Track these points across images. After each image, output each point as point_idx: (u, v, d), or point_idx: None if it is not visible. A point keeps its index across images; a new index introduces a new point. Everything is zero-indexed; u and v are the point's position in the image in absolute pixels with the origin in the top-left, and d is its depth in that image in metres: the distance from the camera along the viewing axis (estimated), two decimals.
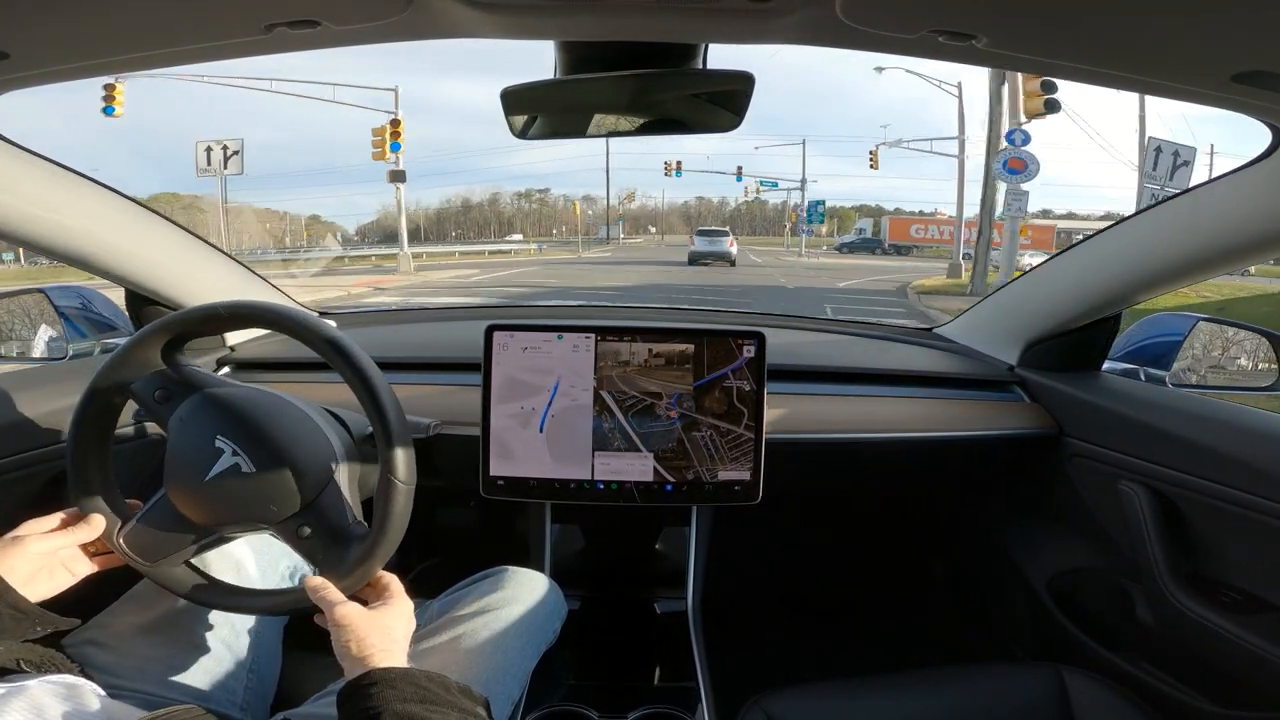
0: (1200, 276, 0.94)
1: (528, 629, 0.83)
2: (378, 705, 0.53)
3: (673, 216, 79.79)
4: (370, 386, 0.65)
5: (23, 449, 0.85)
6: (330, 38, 0.60)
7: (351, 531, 0.66)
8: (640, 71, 0.73)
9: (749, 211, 77.99)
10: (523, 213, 70.85)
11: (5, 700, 0.51)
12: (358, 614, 0.61)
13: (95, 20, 0.56)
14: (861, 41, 0.59)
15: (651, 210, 78.35)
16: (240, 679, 0.77)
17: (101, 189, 0.94)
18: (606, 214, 38.69)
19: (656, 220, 75.89)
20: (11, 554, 0.62)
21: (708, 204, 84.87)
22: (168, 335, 0.69)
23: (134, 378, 0.68)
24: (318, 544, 0.66)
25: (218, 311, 0.71)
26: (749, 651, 1.16)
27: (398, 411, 0.66)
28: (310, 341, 0.67)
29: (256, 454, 0.65)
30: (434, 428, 0.92)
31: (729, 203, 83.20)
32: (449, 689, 0.57)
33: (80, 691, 0.58)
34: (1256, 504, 0.82)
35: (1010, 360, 1.23)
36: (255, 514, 0.65)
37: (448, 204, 66.14)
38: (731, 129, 0.80)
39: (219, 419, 0.66)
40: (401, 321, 1.55)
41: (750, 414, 0.95)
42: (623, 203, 68.01)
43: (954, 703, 0.86)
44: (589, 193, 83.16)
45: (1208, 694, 0.93)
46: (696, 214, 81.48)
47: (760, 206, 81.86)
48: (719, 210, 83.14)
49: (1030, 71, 0.63)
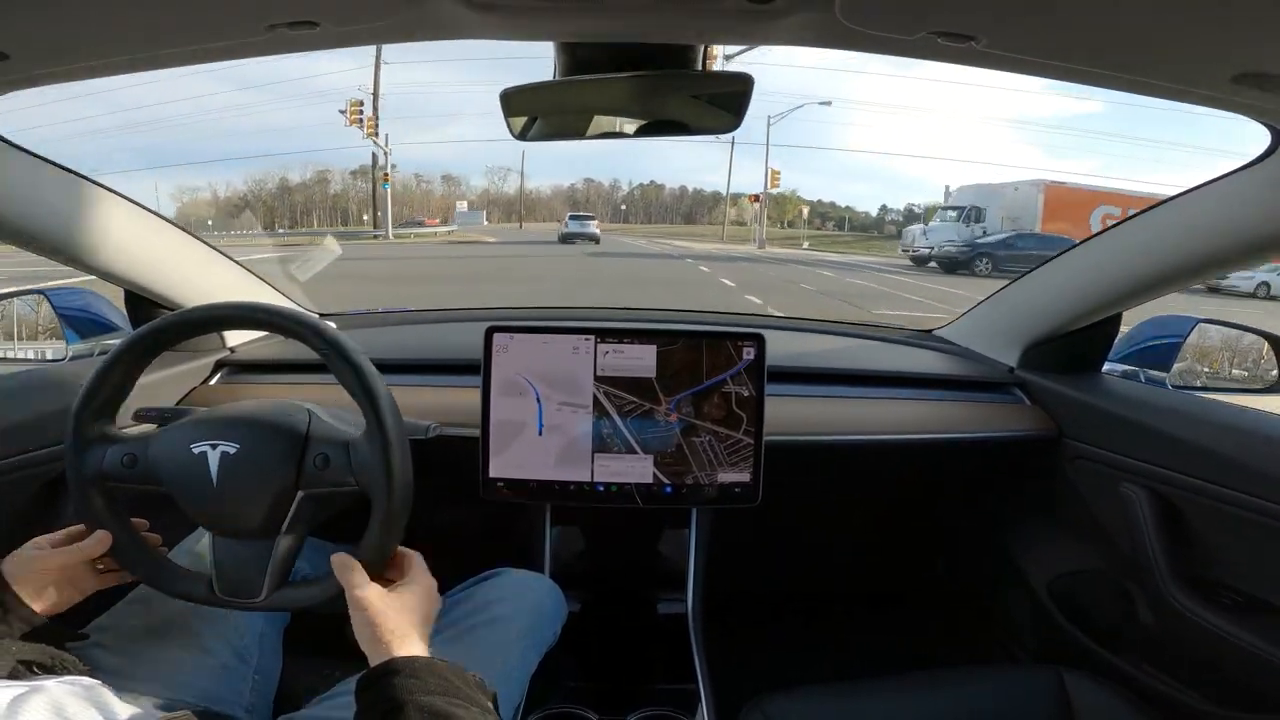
0: (1200, 277, 0.94)
1: (529, 630, 0.83)
2: (400, 696, 0.52)
3: (556, 201, 74.72)
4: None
5: (22, 450, 0.85)
6: (330, 38, 0.60)
7: (357, 443, 0.66)
8: (640, 73, 0.73)
9: (644, 198, 73.87)
10: (360, 196, 59.57)
11: (26, 699, 0.50)
12: (376, 595, 0.60)
13: (95, 21, 0.56)
14: (860, 43, 0.59)
15: (531, 195, 72.44)
16: (246, 680, 0.76)
17: (101, 190, 0.94)
18: (374, 196, 27.77)
19: (537, 206, 70.08)
20: (18, 569, 0.62)
21: (597, 188, 79.76)
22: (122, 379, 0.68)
23: (99, 466, 0.67)
24: (342, 466, 0.65)
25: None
26: (749, 653, 1.16)
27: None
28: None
29: (227, 432, 0.66)
30: (433, 429, 0.92)
31: (621, 187, 79.05)
32: (467, 682, 0.56)
33: (99, 692, 0.58)
34: (1257, 505, 0.82)
35: (1010, 362, 1.23)
36: (274, 484, 0.65)
37: (259, 184, 55.34)
38: (731, 130, 0.80)
39: (182, 437, 0.67)
40: (401, 323, 1.55)
41: (749, 419, 0.95)
42: (495, 183, 62.63)
43: (954, 704, 0.86)
44: (451, 171, 76.12)
45: (1208, 695, 0.93)
46: (584, 198, 76.94)
47: (655, 193, 76.71)
48: (610, 195, 78.69)
49: (1030, 73, 0.63)
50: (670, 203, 79.62)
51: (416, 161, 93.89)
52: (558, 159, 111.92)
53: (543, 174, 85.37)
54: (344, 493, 0.67)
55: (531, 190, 75.52)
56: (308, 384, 1.09)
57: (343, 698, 0.69)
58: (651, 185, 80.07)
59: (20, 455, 0.85)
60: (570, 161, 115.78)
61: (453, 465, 0.98)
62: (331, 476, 0.66)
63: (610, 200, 77.42)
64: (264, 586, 0.65)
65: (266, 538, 0.66)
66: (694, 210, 75.79)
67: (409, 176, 68.90)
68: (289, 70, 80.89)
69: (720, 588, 1.16)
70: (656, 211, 76.04)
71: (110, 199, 0.96)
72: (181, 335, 0.70)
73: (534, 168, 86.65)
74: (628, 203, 76.89)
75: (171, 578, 0.69)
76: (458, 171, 76.41)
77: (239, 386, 1.14)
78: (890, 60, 13.71)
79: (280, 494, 0.66)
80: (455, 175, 74.11)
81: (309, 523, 0.68)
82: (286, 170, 56.59)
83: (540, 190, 78.11)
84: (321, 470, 0.66)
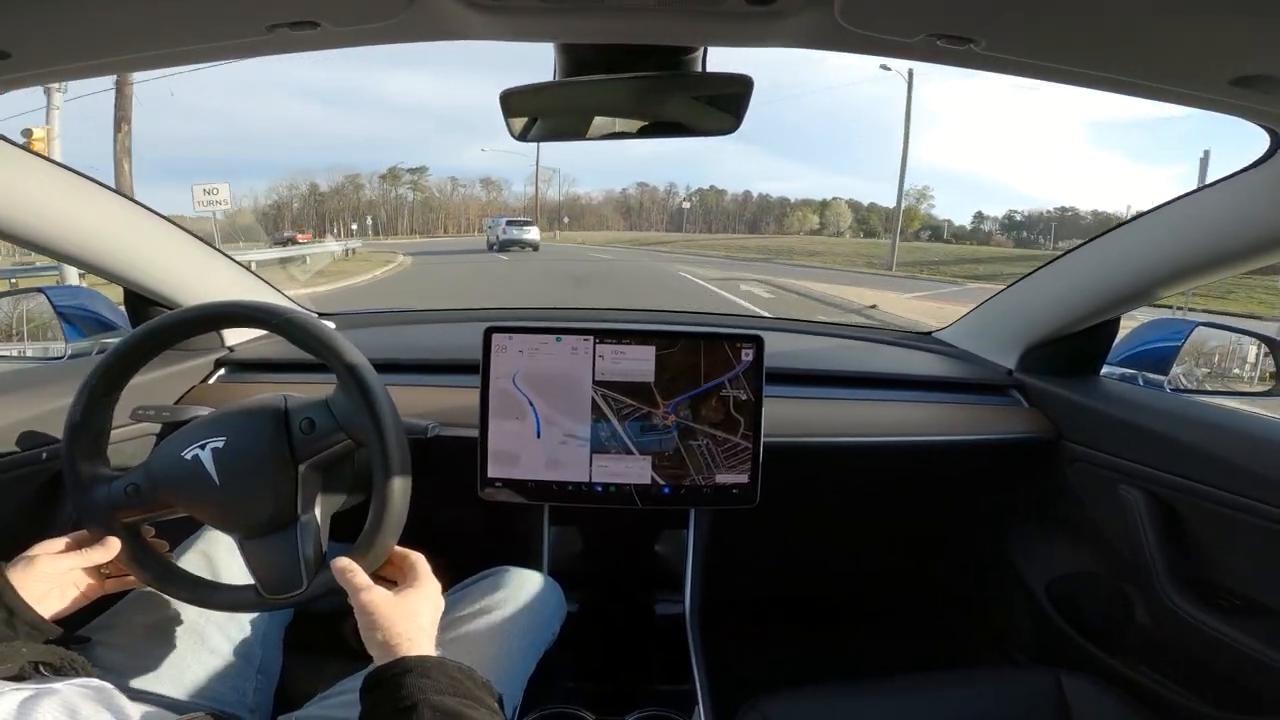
0: (1199, 280, 0.94)
1: (529, 629, 0.82)
2: (412, 695, 0.51)
3: (606, 208, 68.18)
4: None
5: (20, 449, 0.85)
6: (330, 39, 0.60)
7: (334, 397, 0.67)
8: (640, 74, 0.73)
9: (703, 204, 65.23)
10: (392, 201, 57.02)
11: (37, 701, 0.50)
12: (381, 599, 0.60)
13: (95, 21, 0.56)
14: (860, 45, 0.59)
15: (581, 202, 65.70)
16: (249, 679, 0.76)
17: (101, 189, 0.94)
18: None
19: (585, 213, 63.88)
20: (24, 573, 0.62)
21: (651, 194, 71.26)
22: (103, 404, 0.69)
23: (108, 500, 0.68)
24: (327, 422, 0.66)
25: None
26: (746, 654, 1.16)
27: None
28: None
29: (211, 430, 0.67)
30: (432, 429, 0.92)
31: (677, 192, 70.53)
32: (477, 683, 0.56)
33: (109, 694, 0.58)
34: (1255, 508, 0.82)
35: (1009, 364, 1.23)
36: (271, 463, 0.66)
37: (291, 190, 53.70)
38: (731, 131, 0.80)
39: (171, 450, 0.67)
40: (400, 323, 1.55)
41: (747, 423, 0.95)
42: (539, 187, 56.29)
43: (952, 706, 0.86)
44: (491, 176, 67.73)
45: (1206, 697, 0.93)
46: (638, 205, 70.08)
47: (718, 197, 68.55)
48: (665, 201, 70.69)
49: (1029, 75, 0.63)
50: (733, 209, 72.61)
51: (453, 166, 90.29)
52: (608, 163, 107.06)
53: (592, 179, 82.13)
54: (339, 450, 0.67)
55: (580, 196, 70.47)
56: (307, 382, 1.08)
57: (341, 697, 0.69)
58: (711, 190, 72.17)
59: (18, 455, 0.85)
60: (622, 166, 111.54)
61: (451, 465, 0.98)
62: (321, 437, 0.66)
63: (666, 207, 71.18)
64: (303, 575, 0.66)
65: (287, 526, 0.66)
66: (758, 218, 69.14)
67: (443, 180, 64.58)
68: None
69: (718, 589, 1.16)
70: (718, 219, 69.71)
71: (110, 198, 0.96)
72: (172, 339, 0.71)
73: (583, 172, 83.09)
74: (685, 210, 69.32)
75: (220, 595, 0.69)
76: (499, 175, 69.81)
77: (238, 385, 1.14)
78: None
79: (281, 472, 0.66)
80: (496, 179, 68.22)
81: (322, 496, 0.69)
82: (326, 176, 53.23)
83: (590, 196, 73.05)
84: (309, 434, 0.66)
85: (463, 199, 63.84)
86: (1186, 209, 0.87)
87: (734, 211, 72.75)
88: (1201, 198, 0.84)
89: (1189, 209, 0.87)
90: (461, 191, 65.56)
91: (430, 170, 65.23)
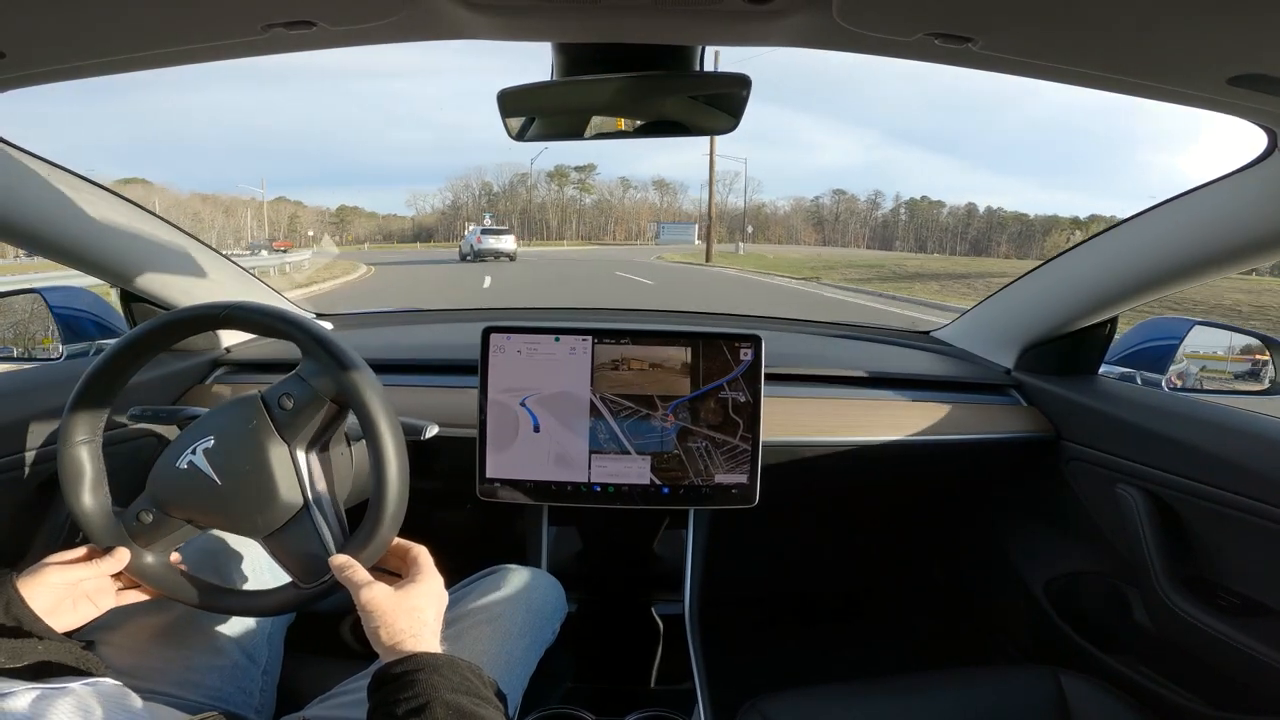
0: (1197, 279, 0.94)
1: (530, 629, 0.82)
2: (425, 693, 0.50)
3: (796, 218, 56.38)
4: (327, 343, 0.65)
5: (16, 450, 0.85)
6: (327, 38, 0.60)
7: (302, 365, 0.67)
8: (637, 74, 0.73)
9: (913, 218, 51.99)
10: (560, 204, 50.48)
11: (52, 700, 0.50)
12: (384, 596, 0.59)
13: (93, 20, 0.56)
14: (858, 44, 0.59)
15: (765, 211, 55.12)
16: (255, 679, 0.76)
17: (99, 189, 0.94)
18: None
19: (771, 223, 52.55)
20: (33, 585, 0.61)
21: (849, 202, 58.52)
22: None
23: (128, 527, 0.67)
24: (303, 392, 0.66)
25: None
26: (746, 654, 1.16)
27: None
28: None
29: (196, 434, 0.66)
30: (428, 431, 0.92)
31: (882, 203, 57.62)
32: (485, 683, 0.55)
33: (122, 694, 0.57)
34: (1253, 507, 0.82)
35: (1007, 364, 1.23)
36: (263, 449, 0.65)
37: (464, 191, 50.04)
38: (729, 131, 0.80)
39: (166, 464, 0.67)
40: (399, 323, 1.54)
41: (746, 425, 0.95)
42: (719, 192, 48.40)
43: (951, 705, 0.86)
44: (663, 176, 59.61)
45: (1204, 697, 0.93)
46: (832, 215, 58.44)
47: (931, 206, 53.47)
48: (866, 213, 58.22)
49: (1027, 75, 0.63)
50: (953, 226, 60.25)
51: (622, 170, 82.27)
52: (791, 169, 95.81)
53: (777, 187, 73.71)
54: (323, 417, 0.67)
55: (766, 204, 62.59)
56: None
57: (343, 697, 0.69)
58: (924, 201, 59.51)
59: (13, 456, 0.84)
60: (804, 173, 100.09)
61: (451, 465, 0.98)
62: (300, 409, 0.66)
63: (867, 220, 60.73)
64: (332, 553, 0.65)
65: (300, 512, 0.66)
66: (984, 239, 56.28)
67: (613, 182, 57.61)
68: None
69: (718, 589, 1.16)
70: (932, 237, 58.44)
71: (107, 198, 0.96)
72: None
73: (769, 178, 74.65)
74: (890, 223, 57.06)
75: (268, 599, 0.69)
76: (674, 178, 62.88)
77: (235, 386, 1.14)
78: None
79: (275, 454, 0.66)
80: (670, 181, 60.02)
81: (326, 478, 0.68)
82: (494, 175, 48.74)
83: (777, 205, 64.80)
84: (290, 410, 0.66)
85: (634, 203, 58.12)
86: (1184, 207, 0.87)
87: (954, 229, 61.32)
88: (1200, 196, 0.84)
89: (1187, 207, 0.87)
90: (633, 194, 59.74)
91: (598, 169, 58.98)
